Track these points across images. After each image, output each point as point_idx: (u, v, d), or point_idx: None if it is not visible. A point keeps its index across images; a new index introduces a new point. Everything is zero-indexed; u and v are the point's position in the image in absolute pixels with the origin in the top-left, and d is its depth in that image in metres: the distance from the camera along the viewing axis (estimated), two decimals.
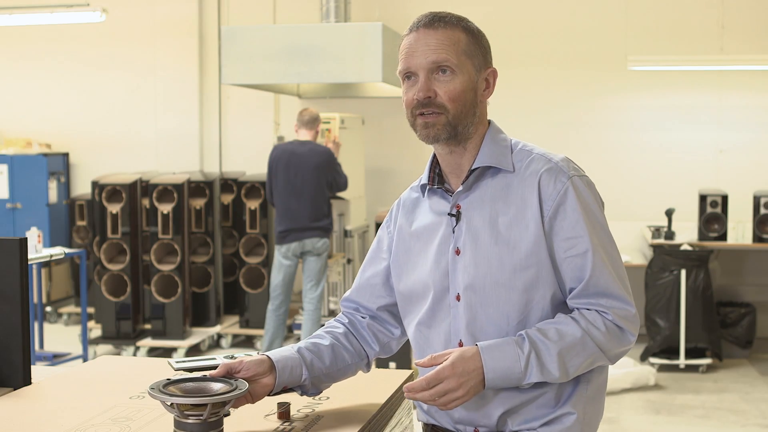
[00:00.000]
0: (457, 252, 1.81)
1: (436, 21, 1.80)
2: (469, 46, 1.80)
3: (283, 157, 6.08)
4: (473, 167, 1.82)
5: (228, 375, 1.76)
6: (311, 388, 1.89)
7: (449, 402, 1.69)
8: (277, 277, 6.13)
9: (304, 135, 6.15)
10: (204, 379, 1.72)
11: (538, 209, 1.76)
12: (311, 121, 6.14)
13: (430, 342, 1.86)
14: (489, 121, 1.89)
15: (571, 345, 1.72)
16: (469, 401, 1.73)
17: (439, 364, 1.70)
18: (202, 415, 1.61)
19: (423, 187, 1.93)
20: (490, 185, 1.82)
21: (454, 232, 1.83)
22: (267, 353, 1.86)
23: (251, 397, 1.80)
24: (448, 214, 1.84)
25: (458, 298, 1.81)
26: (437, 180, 1.89)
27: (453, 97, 1.78)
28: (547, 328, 1.73)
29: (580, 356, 1.73)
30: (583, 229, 1.75)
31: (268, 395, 1.83)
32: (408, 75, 1.82)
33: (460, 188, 1.83)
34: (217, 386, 1.68)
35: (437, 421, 1.89)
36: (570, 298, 1.78)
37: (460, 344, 1.81)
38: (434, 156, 1.91)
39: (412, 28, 1.83)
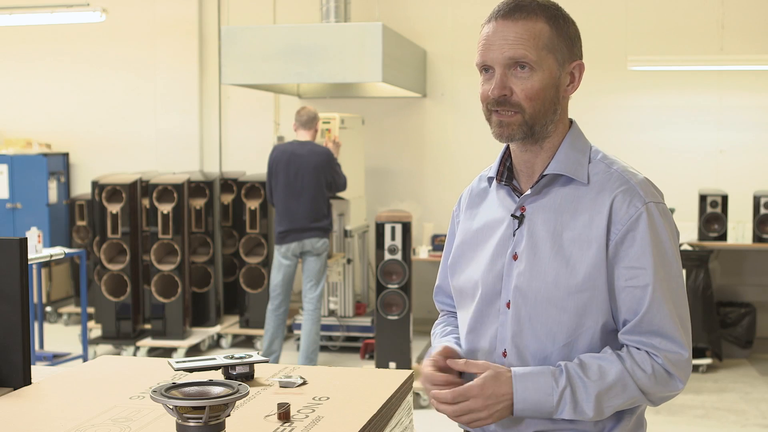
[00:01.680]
0: (515, 257, 1.72)
1: (516, 10, 1.67)
2: (552, 39, 1.67)
3: (283, 157, 6.08)
4: (545, 172, 1.71)
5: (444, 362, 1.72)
6: None
7: (472, 421, 1.64)
8: (276, 277, 6.13)
9: (303, 135, 6.14)
10: (207, 383, 1.71)
11: (604, 231, 1.65)
12: (309, 121, 6.13)
13: (476, 344, 1.79)
14: (571, 122, 1.78)
15: (611, 386, 1.63)
16: (503, 419, 1.68)
17: (472, 372, 1.65)
18: (201, 419, 1.60)
19: (491, 179, 1.84)
20: (560, 194, 1.71)
21: (514, 235, 1.73)
22: (445, 343, 1.81)
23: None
24: (512, 215, 1.74)
25: (508, 305, 1.72)
26: (506, 175, 1.79)
27: (530, 95, 1.66)
28: (590, 364, 1.64)
29: (619, 398, 1.64)
30: (649, 260, 1.64)
31: None
32: (485, 68, 1.70)
33: (529, 191, 1.73)
34: (217, 390, 1.68)
35: None
36: (622, 333, 1.67)
37: (504, 354, 1.73)
38: (507, 148, 1.80)
39: (490, 17, 1.70)
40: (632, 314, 1.65)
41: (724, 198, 6.68)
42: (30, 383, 2.10)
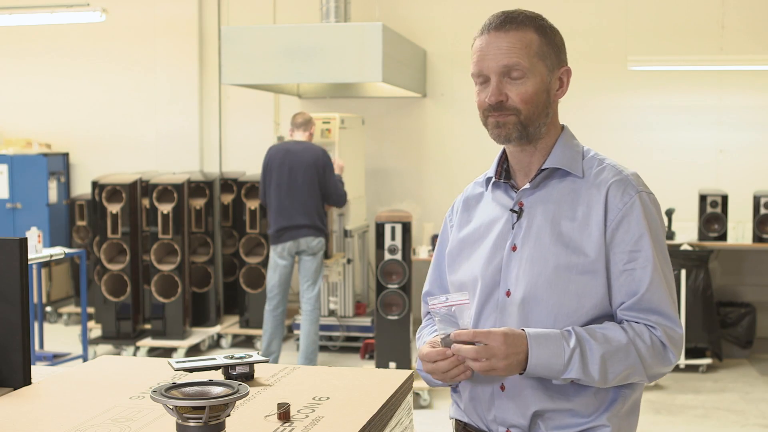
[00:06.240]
0: (514, 248, 1.82)
1: (507, 23, 1.79)
2: (541, 47, 1.80)
3: (278, 156, 6.06)
4: (544, 167, 1.83)
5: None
6: None
7: (489, 368, 1.68)
8: (273, 277, 6.11)
9: (300, 136, 6.15)
10: (207, 383, 1.71)
11: (602, 218, 1.77)
12: (305, 123, 6.14)
13: None
14: (563, 127, 1.90)
15: (615, 350, 1.72)
16: (502, 400, 1.79)
17: (480, 340, 1.68)
18: (201, 419, 1.60)
19: (488, 181, 1.94)
20: (558, 187, 1.83)
21: (513, 228, 1.83)
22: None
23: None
24: (511, 210, 1.85)
25: (508, 294, 1.81)
26: (504, 175, 1.91)
27: (525, 99, 1.78)
28: (594, 330, 1.74)
29: (621, 364, 1.73)
30: (647, 243, 1.76)
31: None
32: (480, 77, 1.82)
33: (527, 185, 1.84)
34: (217, 390, 1.68)
35: (470, 419, 1.89)
36: (621, 309, 1.77)
37: None
38: (503, 151, 1.93)
39: (483, 30, 1.82)
40: (630, 295, 1.76)
41: (724, 198, 6.68)
42: (30, 383, 2.10)
